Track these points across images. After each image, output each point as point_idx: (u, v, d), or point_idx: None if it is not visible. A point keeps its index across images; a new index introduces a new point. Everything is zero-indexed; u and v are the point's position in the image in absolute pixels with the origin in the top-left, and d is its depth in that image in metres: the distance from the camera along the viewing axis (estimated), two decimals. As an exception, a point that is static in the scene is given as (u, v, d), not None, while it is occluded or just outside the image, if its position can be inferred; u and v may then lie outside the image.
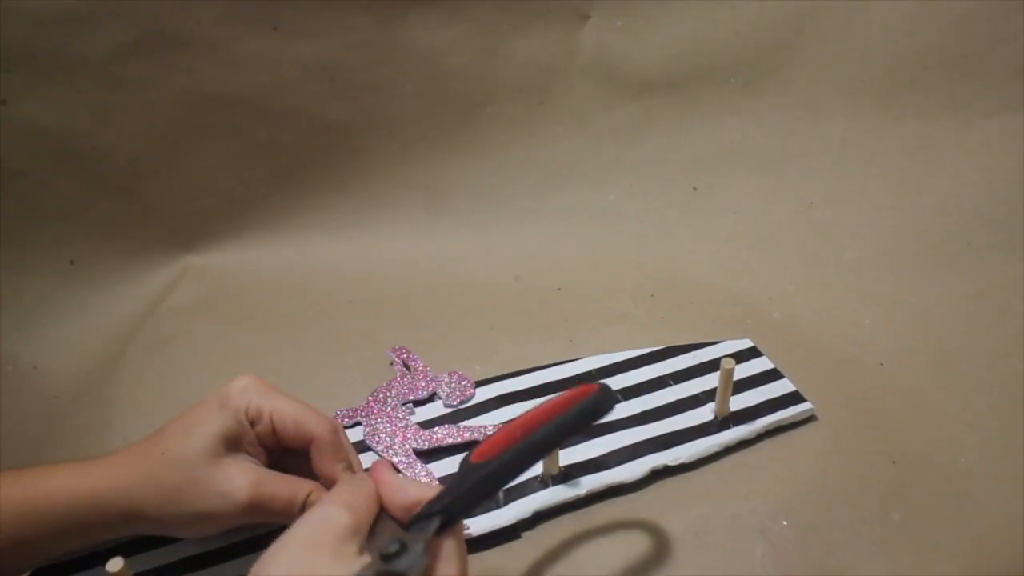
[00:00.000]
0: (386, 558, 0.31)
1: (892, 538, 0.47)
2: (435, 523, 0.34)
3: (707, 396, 0.55)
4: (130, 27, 0.62)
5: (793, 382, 0.57)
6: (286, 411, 0.40)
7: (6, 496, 0.38)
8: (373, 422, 0.53)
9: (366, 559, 0.31)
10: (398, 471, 0.50)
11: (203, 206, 0.70)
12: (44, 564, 0.42)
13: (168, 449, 0.39)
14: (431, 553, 0.33)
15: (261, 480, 0.39)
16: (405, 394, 0.56)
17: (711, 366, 0.58)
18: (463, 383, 0.57)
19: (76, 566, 0.43)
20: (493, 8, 0.69)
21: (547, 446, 0.36)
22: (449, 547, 0.34)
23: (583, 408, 0.36)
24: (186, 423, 0.40)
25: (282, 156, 0.71)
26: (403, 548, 0.32)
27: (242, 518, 0.39)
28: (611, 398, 0.37)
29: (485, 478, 0.35)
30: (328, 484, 0.40)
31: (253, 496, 0.38)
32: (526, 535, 0.47)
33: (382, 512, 0.36)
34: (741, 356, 0.58)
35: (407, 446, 0.52)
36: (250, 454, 0.40)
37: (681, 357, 0.59)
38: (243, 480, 0.38)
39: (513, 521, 0.47)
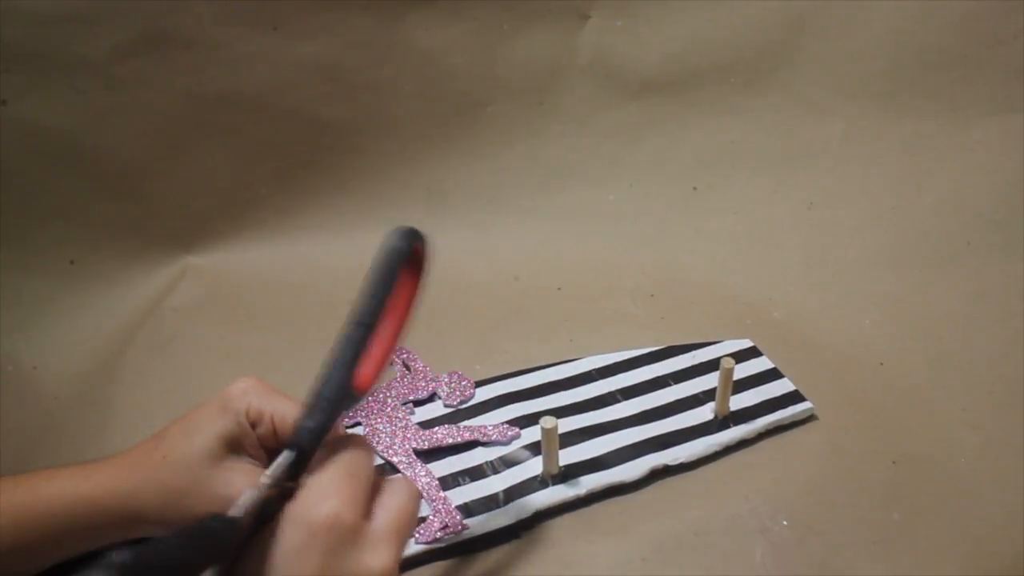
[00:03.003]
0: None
1: (892, 538, 0.47)
2: (290, 457, 0.33)
3: (707, 396, 0.56)
4: (130, 27, 0.62)
5: (793, 382, 0.57)
6: (287, 413, 0.40)
7: (5, 503, 0.38)
8: (373, 422, 0.53)
9: None
10: (397, 471, 0.50)
11: (203, 206, 0.70)
12: (45, 569, 0.42)
13: (169, 452, 0.39)
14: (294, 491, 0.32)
15: None
16: (405, 394, 0.56)
17: (711, 366, 0.58)
18: (463, 383, 0.57)
19: (74, 564, 0.43)
20: (493, 8, 0.69)
21: (372, 302, 0.37)
22: (320, 481, 0.33)
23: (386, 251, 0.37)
24: (187, 426, 0.40)
25: (282, 156, 0.71)
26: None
27: (244, 520, 0.39)
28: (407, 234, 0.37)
29: (325, 387, 0.35)
30: None
31: None
32: (526, 535, 0.47)
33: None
34: (741, 356, 0.58)
35: (407, 446, 0.52)
36: (252, 456, 0.40)
37: (681, 357, 0.59)
38: (245, 482, 0.38)
39: (513, 521, 0.47)
